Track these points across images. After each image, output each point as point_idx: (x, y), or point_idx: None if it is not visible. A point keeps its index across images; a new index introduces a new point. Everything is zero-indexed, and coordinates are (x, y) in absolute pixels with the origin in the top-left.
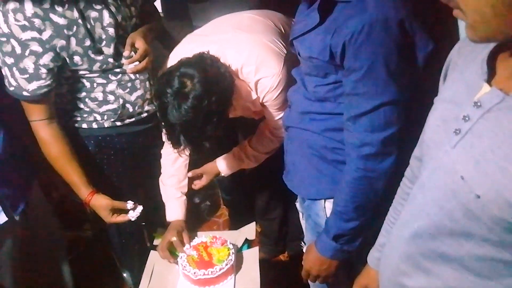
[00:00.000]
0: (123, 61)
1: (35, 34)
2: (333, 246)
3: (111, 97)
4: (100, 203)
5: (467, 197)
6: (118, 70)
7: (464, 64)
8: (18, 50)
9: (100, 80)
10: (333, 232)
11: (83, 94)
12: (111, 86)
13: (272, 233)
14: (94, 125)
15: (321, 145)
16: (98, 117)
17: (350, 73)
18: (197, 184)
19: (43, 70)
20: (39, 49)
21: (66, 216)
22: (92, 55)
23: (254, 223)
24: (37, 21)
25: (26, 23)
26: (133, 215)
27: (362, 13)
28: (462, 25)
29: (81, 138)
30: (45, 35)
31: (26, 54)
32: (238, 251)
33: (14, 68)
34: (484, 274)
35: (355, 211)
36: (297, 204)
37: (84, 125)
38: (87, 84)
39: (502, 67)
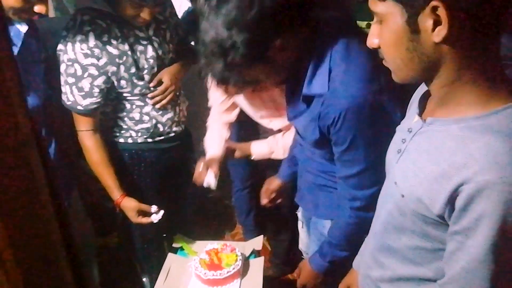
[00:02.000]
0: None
1: (94, 60)
2: (326, 266)
3: (146, 118)
4: (129, 204)
5: (398, 198)
6: None
7: (414, 102)
8: (79, 72)
9: (138, 103)
10: (328, 258)
11: (124, 113)
12: (147, 108)
13: (282, 253)
14: (129, 140)
15: (322, 184)
16: (133, 134)
17: (336, 146)
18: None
19: (96, 90)
20: (95, 72)
21: (97, 223)
22: (135, 81)
23: (261, 236)
24: (96, 51)
25: (88, 52)
26: (155, 218)
27: (338, 102)
28: None
29: (118, 150)
30: (101, 61)
31: (85, 76)
32: (246, 259)
33: (74, 87)
34: (418, 261)
35: (348, 244)
36: (299, 214)
37: (121, 140)
38: (128, 106)
39: (429, 103)
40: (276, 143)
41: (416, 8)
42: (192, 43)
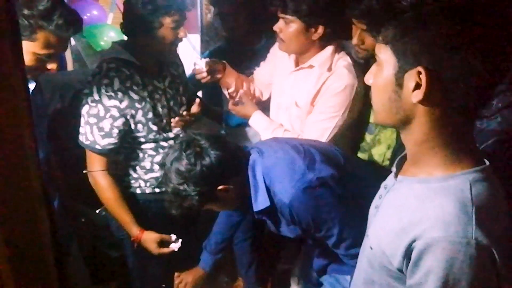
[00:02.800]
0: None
1: (117, 102)
2: None
3: (156, 167)
4: (150, 237)
5: (368, 250)
6: (166, 144)
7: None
8: (102, 113)
9: (150, 152)
10: None
11: (135, 162)
12: (158, 158)
13: None
14: (138, 191)
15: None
16: (142, 184)
17: (315, 233)
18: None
19: (115, 131)
20: (116, 114)
21: (95, 271)
22: (151, 126)
23: None
24: (119, 94)
25: (112, 94)
26: (175, 246)
27: (284, 205)
28: None
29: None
30: (123, 104)
31: (107, 116)
32: None
33: (95, 127)
34: None
35: None
36: (295, 269)
37: (130, 190)
38: (140, 155)
39: (406, 162)
40: (273, 130)
41: (405, 65)
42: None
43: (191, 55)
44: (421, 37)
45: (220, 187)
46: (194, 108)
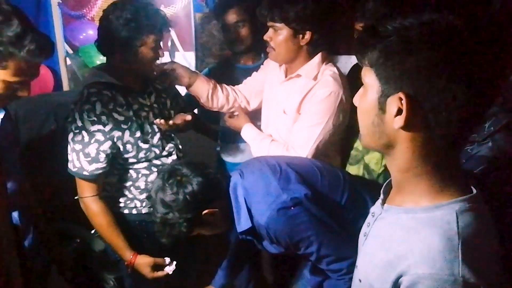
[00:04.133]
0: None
1: (100, 126)
2: None
3: (151, 186)
4: (144, 261)
5: (356, 282)
6: (159, 162)
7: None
8: (86, 139)
9: (144, 171)
10: None
11: (129, 183)
12: (152, 177)
13: None
14: (134, 211)
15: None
16: (138, 204)
17: (297, 251)
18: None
19: (102, 155)
20: (101, 138)
21: None
22: (140, 144)
23: None
24: (103, 118)
25: (95, 119)
26: (170, 269)
27: (263, 225)
28: None
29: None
30: (107, 127)
31: (92, 142)
32: None
33: (81, 153)
34: None
35: None
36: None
37: (126, 211)
38: (134, 175)
39: (392, 188)
40: (261, 140)
41: (388, 90)
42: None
43: None
44: (403, 62)
45: (205, 212)
46: (177, 119)
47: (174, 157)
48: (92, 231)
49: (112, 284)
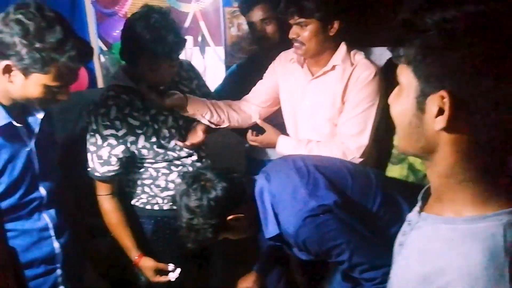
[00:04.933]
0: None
1: (113, 131)
2: None
3: (171, 185)
4: (147, 264)
5: None
6: (179, 162)
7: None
8: (99, 142)
9: (164, 171)
10: None
11: (150, 181)
12: (172, 176)
13: None
14: (156, 207)
15: None
16: (160, 201)
17: (330, 259)
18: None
19: (114, 159)
20: (114, 142)
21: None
22: (157, 149)
23: None
24: (117, 122)
25: (109, 123)
26: (173, 276)
27: (291, 234)
28: None
29: (144, 216)
30: (121, 132)
31: (104, 145)
32: None
33: (94, 155)
34: None
35: None
36: None
37: (148, 207)
38: (154, 173)
39: (431, 195)
40: (307, 146)
41: (428, 89)
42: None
43: (218, 66)
44: (445, 59)
45: (230, 217)
46: (193, 139)
47: (194, 157)
48: None
49: (143, 280)
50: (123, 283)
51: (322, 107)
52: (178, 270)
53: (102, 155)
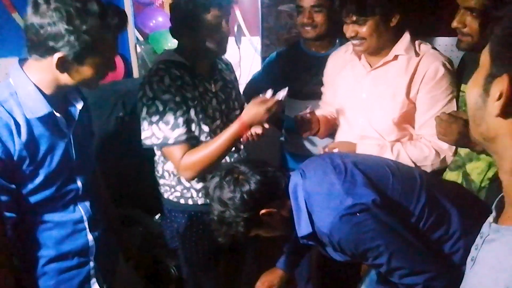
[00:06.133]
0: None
1: (171, 96)
2: None
3: (207, 175)
4: (251, 110)
5: None
6: None
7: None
8: (161, 107)
9: None
10: None
11: None
12: None
13: None
14: (190, 202)
15: None
16: (194, 194)
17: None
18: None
19: (180, 120)
20: (174, 106)
21: (154, 278)
22: (202, 126)
23: None
24: (172, 89)
25: (165, 89)
26: (282, 95)
27: (325, 234)
28: None
29: (178, 211)
30: (177, 98)
31: (167, 110)
32: None
33: (160, 123)
34: None
35: None
36: None
37: (182, 201)
38: None
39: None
40: (392, 148)
41: (496, 71)
42: None
43: (252, 57)
44: None
45: (263, 211)
46: (258, 129)
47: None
48: (156, 217)
49: (173, 272)
50: (155, 277)
51: (381, 100)
52: (286, 88)
53: (169, 120)
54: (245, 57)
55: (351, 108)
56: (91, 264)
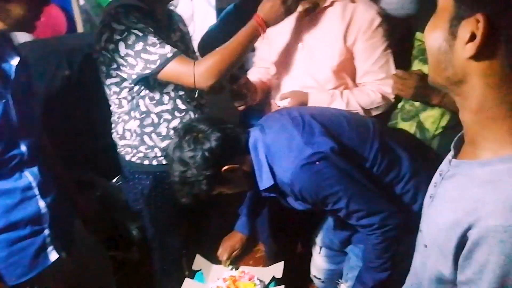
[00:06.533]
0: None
1: (144, 26)
2: None
3: (172, 133)
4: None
5: (421, 248)
6: (183, 107)
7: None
8: (140, 33)
9: (166, 116)
10: (370, 284)
11: (151, 129)
12: (175, 123)
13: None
14: (154, 162)
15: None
16: (158, 153)
17: (324, 207)
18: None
19: (164, 42)
20: (152, 30)
21: (115, 241)
22: None
23: (282, 262)
24: (141, 22)
25: (135, 20)
26: None
27: (287, 183)
28: None
29: (142, 172)
30: (149, 29)
31: (147, 33)
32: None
33: (148, 47)
34: None
35: (384, 263)
36: (317, 239)
37: (146, 162)
38: (155, 120)
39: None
40: (341, 95)
41: (463, 12)
42: None
43: (206, 11)
44: None
45: (225, 168)
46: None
47: (196, 102)
48: (114, 180)
49: (135, 234)
50: (115, 240)
51: (319, 48)
52: None
53: (154, 41)
54: (198, 10)
55: (289, 59)
56: (46, 231)
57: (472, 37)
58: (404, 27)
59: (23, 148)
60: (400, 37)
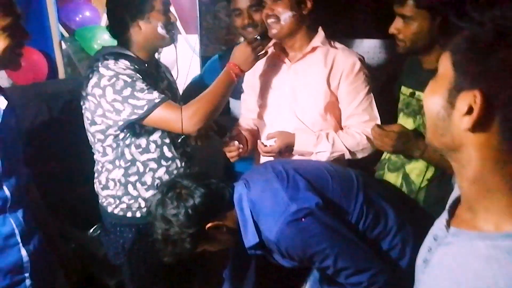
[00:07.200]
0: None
1: (132, 72)
2: None
3: (158, 182)
4: (241, 49)
5: None
6: (170, 155)
7: (450, 199)
8: (128, 79)
9: (152, 165)
10: None
11: (135, 178)
12: (160, 172)
13: None
14: (138, 214)
15: None
16: (142, 204)
17: (311, 264)
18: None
19: (152, 88)
20: (140, 77)
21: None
22: None
23: None
24: (131, 69)
25: (124, 67)
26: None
27: (273, 242)
28: None
29: (124, 225)
30: (138, 76)
31: (135, 79)
32: None
33: (135, 93)
34: None
35: None
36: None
37: (129, 214)
38: (141, 168)
39: (460, 206)
40: (327, 136)
41: (462, 84)
42: None
43: (190, 56)
44: (490, 57)
45: (209, 225)
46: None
47: (181, 149)
48: (90, 231)
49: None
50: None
51: (305, 91)
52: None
53: (142, 87)
54: (182, 56)
55: (276, 105)
56: (27, 282)
57: (470, 110)
58: (384, 77)
59: (7, 191)
60: (382, 86)
